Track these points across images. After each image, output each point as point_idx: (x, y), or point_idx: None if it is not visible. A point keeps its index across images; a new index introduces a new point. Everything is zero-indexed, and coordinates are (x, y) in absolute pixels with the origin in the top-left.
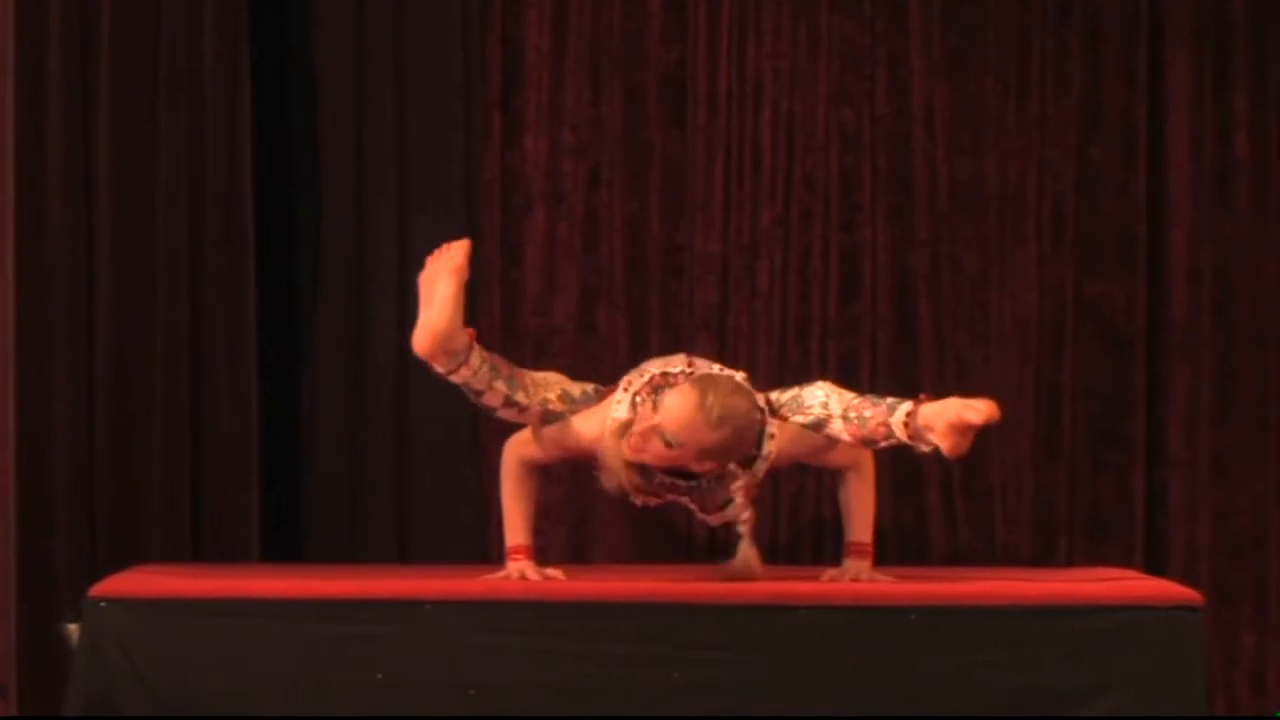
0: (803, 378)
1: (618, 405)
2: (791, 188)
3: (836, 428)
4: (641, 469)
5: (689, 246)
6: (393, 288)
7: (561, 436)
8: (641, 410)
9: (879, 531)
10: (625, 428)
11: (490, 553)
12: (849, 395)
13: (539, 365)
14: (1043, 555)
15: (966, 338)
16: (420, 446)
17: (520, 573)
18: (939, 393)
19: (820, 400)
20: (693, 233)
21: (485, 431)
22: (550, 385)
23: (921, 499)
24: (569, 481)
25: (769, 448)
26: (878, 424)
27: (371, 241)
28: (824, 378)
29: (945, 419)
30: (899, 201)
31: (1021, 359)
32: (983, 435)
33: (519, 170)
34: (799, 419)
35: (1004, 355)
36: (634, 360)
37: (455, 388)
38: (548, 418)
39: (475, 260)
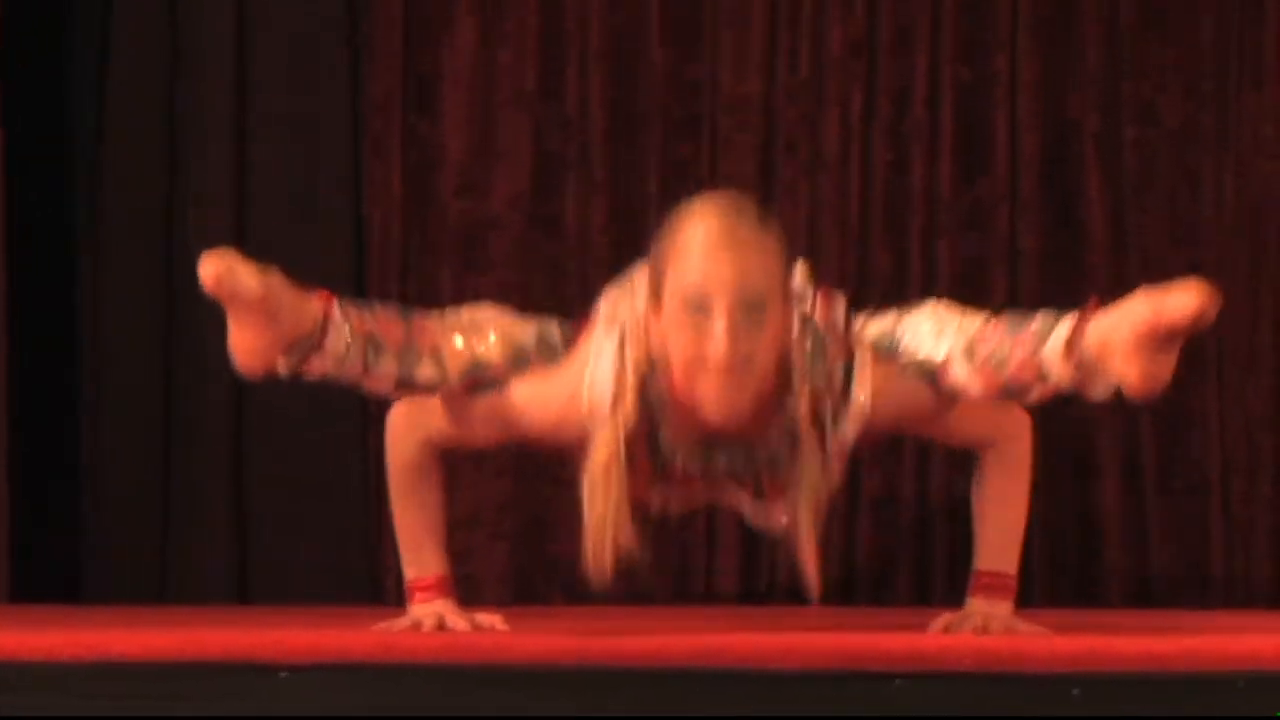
0: (896, 299)
1: (597, 356)
2: None
3: (959, 373)
4: (653, 453)
5: (710, 84)
6: (226, 168)
7: (497, 414)
8: (633, 357)
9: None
10: (619, 397)
11: (384, 589)
12: (974, 319)
13: (463, 282)
14: None
15: (1163, 235)
16: (268, 416)
17: (434, 619)
18: None
19: (930, 331)
20: (716, 62)
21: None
22: (480, 330)
23: (1088, 496)
24: (512, 470)
25: (859, 391)
26: (1023, 361)
27: (185, 92)
28: (950, 304)
29: (1129, 329)
30: (1054, 10)
31: (1254, 268)
32: (1196, 400)
33: None
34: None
35: (1225, 263)
36: (619, 274)
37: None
38: (479, 384)
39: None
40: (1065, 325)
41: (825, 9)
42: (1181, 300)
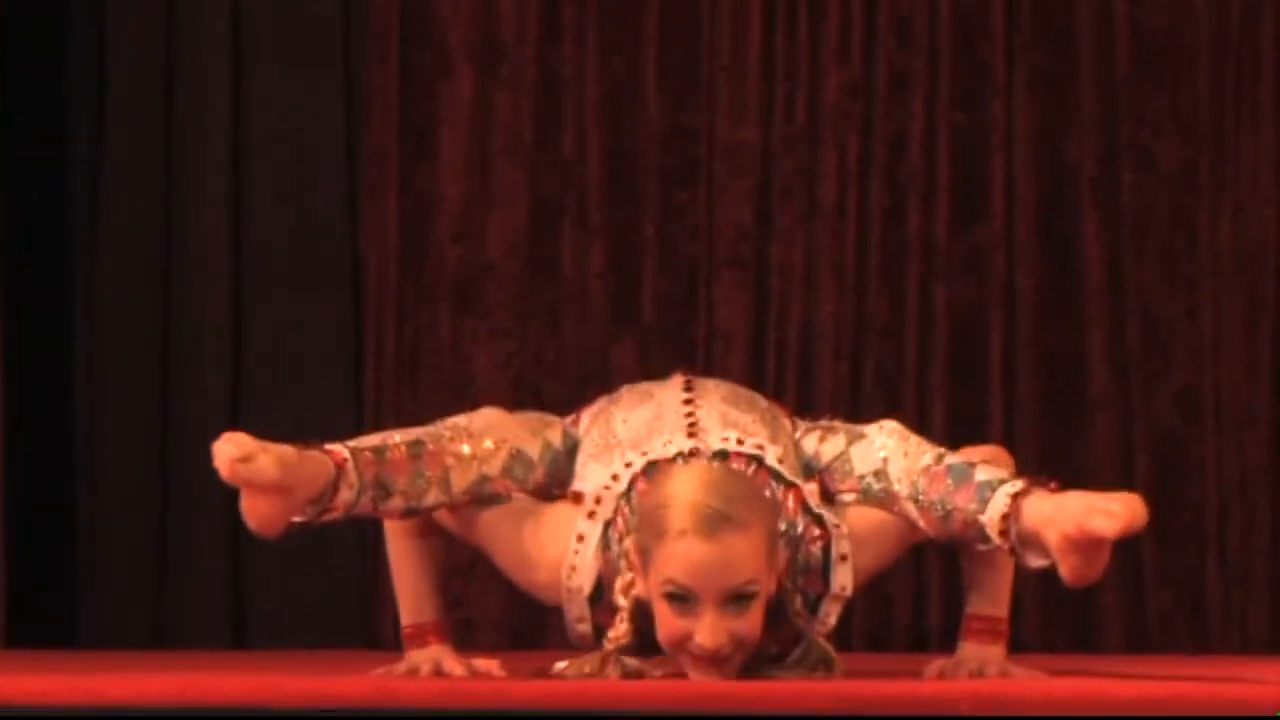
0: (893, 344)
1: (578, 547)
2: (874, 37)
3: (910, 511)
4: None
5: (706, 131)
6: (222, 215)
7: (486, 547)
8: (628, 556)
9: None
10: (595, 596)
11: (380, 634)
12: (922, 456)
13: (460, 328)
14: None
15: (1161, 279)
16: None
17: (431, 665)
18: (1118, 371)
19: (875, 468)
20: (713, 110)
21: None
22: (488, 454)
23: None
24: None
25: (841, 579)
26: (964, 521)
27: (187, 132)
28: (930, 344)
29: (1060, 528)
30: (1050, 60)
31: (1251, 313)
32: (1193, 449)
33: (429, 9)
34: (847, 497)
35: (1222, 307)
36: (616, 320)
37: (323, 377)
38: (481, 499)
39: (358, 151)
40: (1003, 498)
41: (821, 57)
42: (1112, 515)
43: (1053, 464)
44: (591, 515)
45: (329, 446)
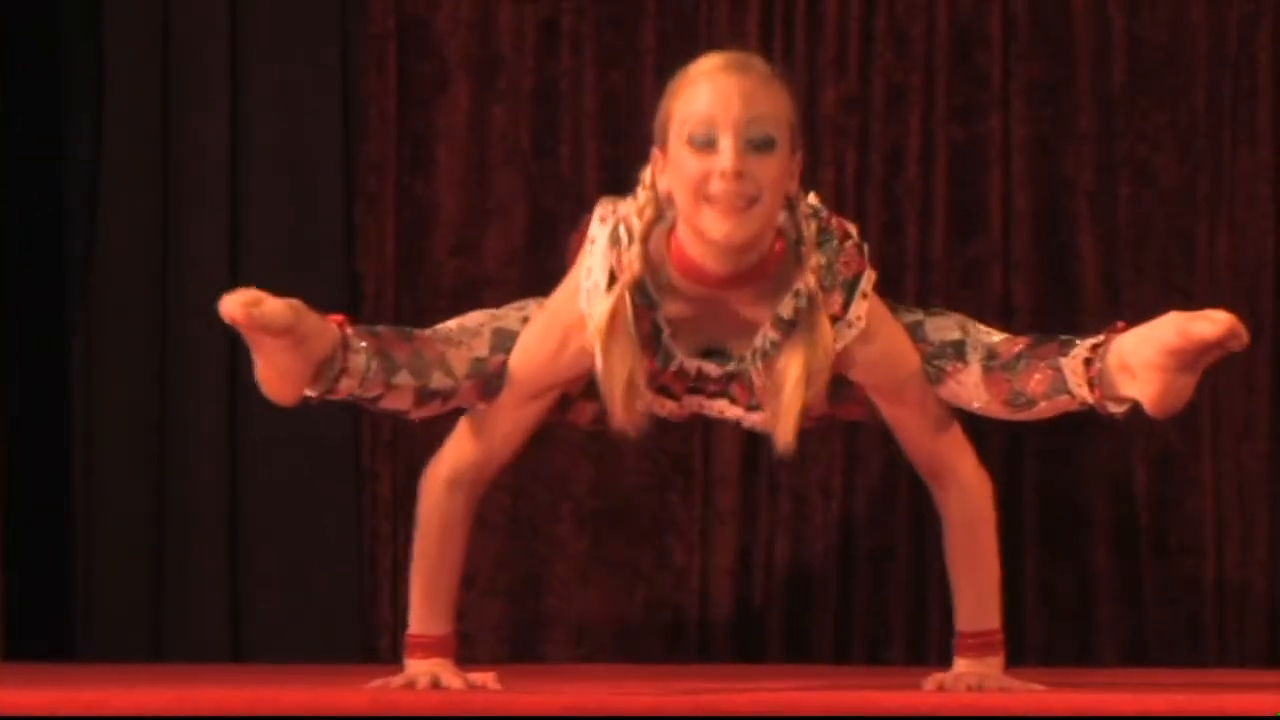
0: None
1: (590, 250)
2: (872, 48)
3: (967, 380)
4: (653, 347)
5: None
6: (220, 214)
7: (510, 388)
8: (641, 206)
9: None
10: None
11: (378, 648)
12: (999, 335)
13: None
14: None
15: (1158, 293)
16: (262, 474)
17: (430, 678)
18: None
19: (952, 337)
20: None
21: (373, 447)
22: (475, 332)
23: (1081, 554)
24: (506, 530)
25: (859, 307)
26: (1039, 369)
27: (183, 149)
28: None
29: (1156, 346)
30: (1047, 73)
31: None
32: (1190, 463)
33: (426, 20)
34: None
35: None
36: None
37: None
38: (489, 385)
39: (356, 162)
40: (1090, 341)
41: (818, 69)
42: (1210, 324)
43: (1051, 477)
44: (603, 220)
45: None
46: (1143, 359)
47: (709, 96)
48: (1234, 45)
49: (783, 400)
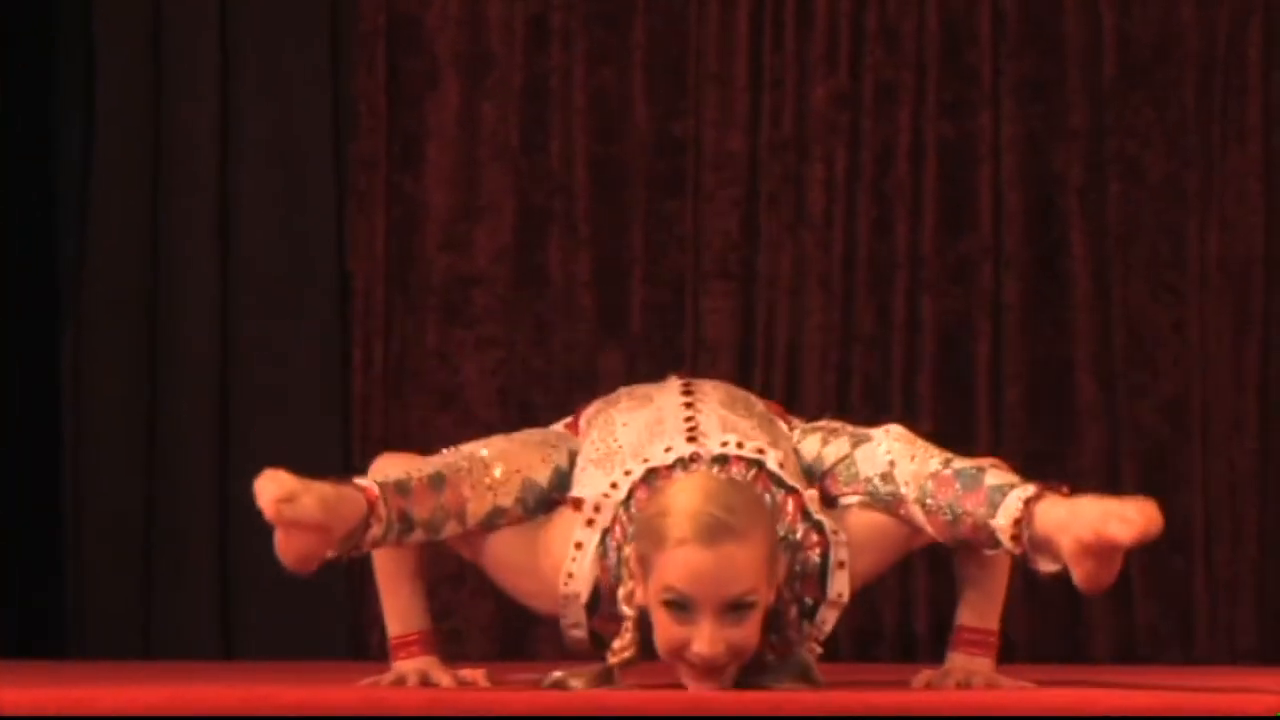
0: (880, 355)
1: (576, 554)
2: (862, 46)
3: (916, 515)
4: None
5: (694, 140)
6: (211, 211)
7: (481, 560)
8: (628, 564)
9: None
10: (591, 604)
11: (368, 645)
12: (929, 460)
13: (447, 337)
14: (1276, 649)
15: (1148, 290)
16: (252, 472)
17: (418, 675)
18: (1105, 382)
19: (881, 470)
20: (700, 120)
21: (365, 445)
22: (501, 484)
23: None
24: None
25: (839, 586)
26: (974, 525)
27: (174, 146)
28: (917, 354)
29: (1075, 534)
30: (1037, 69)
31: (1238, 324)
32: (1180, 459)
33: (416, 17)
34: (852, 499)
35: (1209, 320)
36: (604, 330)
37: (310, 386)
38: (492, 526)
39: (346, 160)
40: (1016, 503)
41: (809, 67)
42: (1127, 522)
43: (1040, 474)
44: (590, 523)
45: (359, 482)
46: (1064, 547)
47: (685, 575)
48: (1223, 43)
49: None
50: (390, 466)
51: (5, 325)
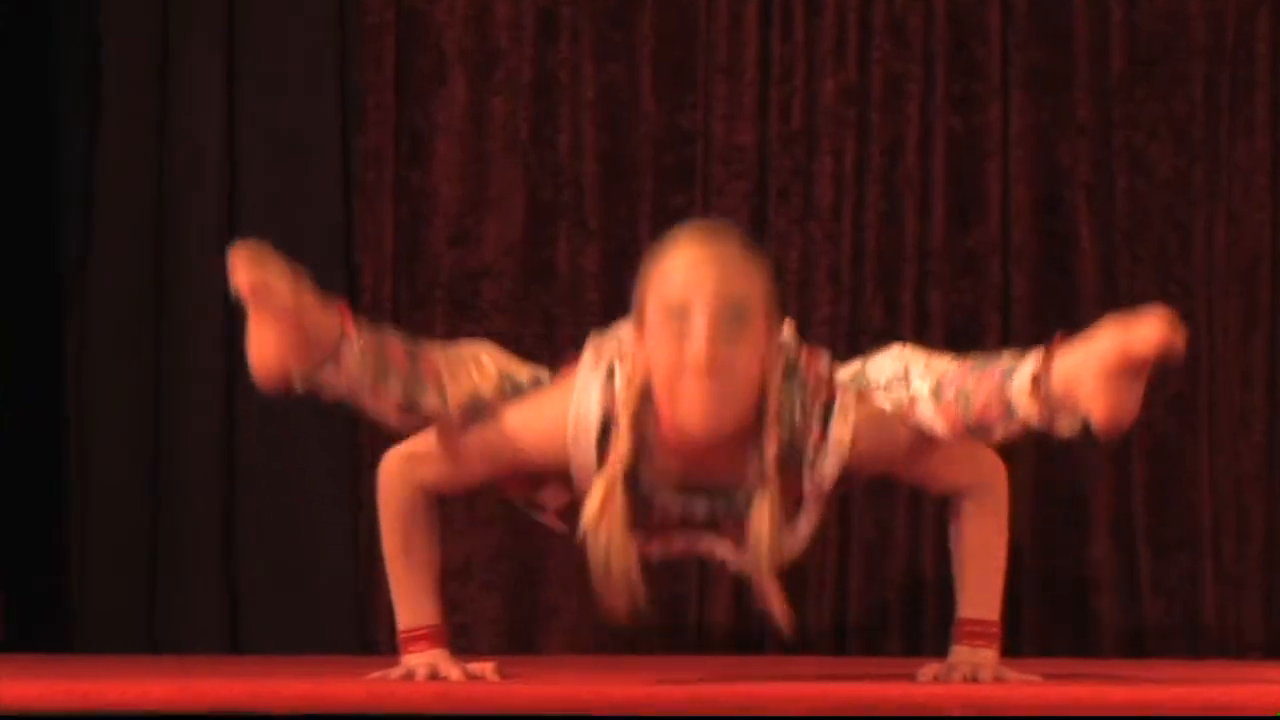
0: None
1: (583, 389)
2: (870, 40)
3: (925, 412)
4: (636, 495)
5: (703, 133)
6: (217, 205)
7: (486, 442)
8: (625, 389)
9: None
10: (605, 426)
11: (375, 640)
12: (940, 361)
13: (455, 331)
14: None
15: (1154, 285)
16: (260, 472)
17: (428, 669)
18: None
19: (896, 372)
20: (709, 112)
21: (372, 438)
22: (482, 369)
23: (1079, 550)
24: (503, 520)
25: (839, 428)
26: (989, 399)
27: (180, 139)
28: (917, 345)
29: (1096, 363)
30: (1046, 63)
31: (1246, 318)
32: (1187, 444)
33: (424, 12)
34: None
35: (1217, 313)
36: (612, 323)
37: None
38: (474, 414)
39: (353, 154)
40: (1031, 362)
41: (818, 60)
42: (1147, 332)
43: (1049, 469)
44: (595, 361)
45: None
46: (1086, 376)
47: (683, 280)
48: (1232, 36)
49: (755, 552)
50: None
51: (9, 318)
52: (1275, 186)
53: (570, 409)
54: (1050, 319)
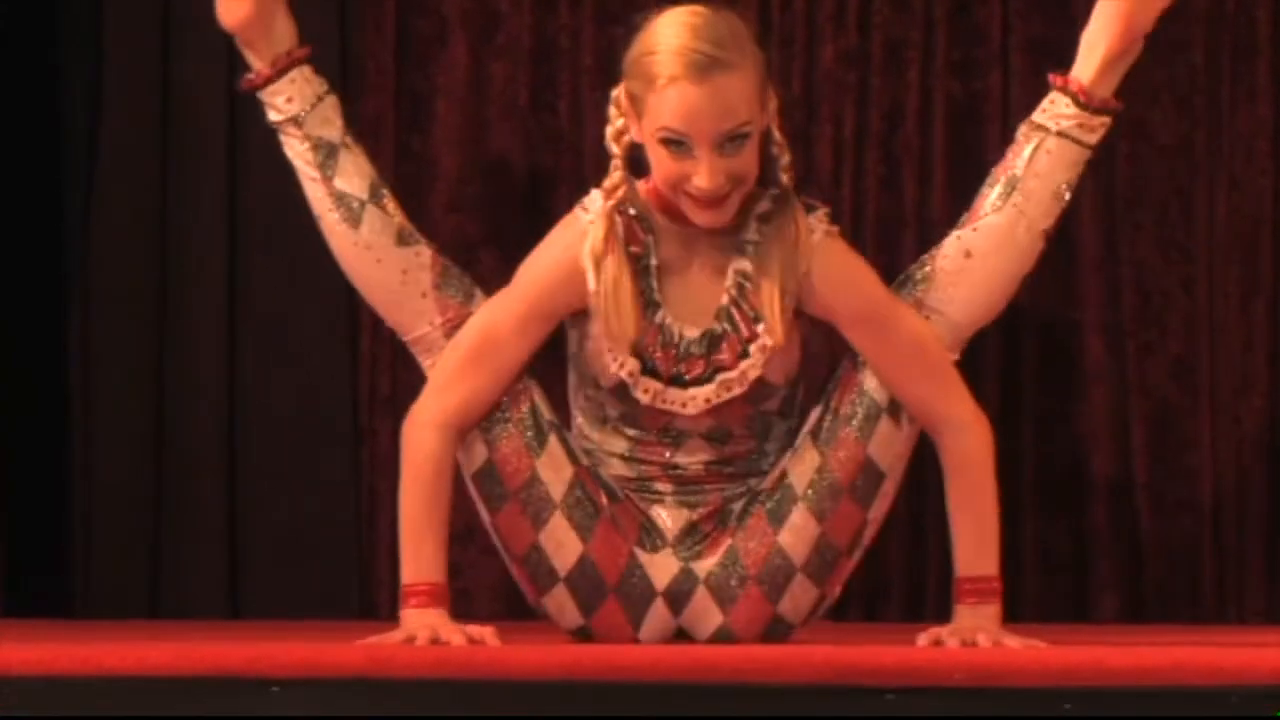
0: None
1: (588, 204)
2: (870, 4)
3: (948, 247)
4: (643, 299)
5: None
6: (217, 171)
7: (523, 303)
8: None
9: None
10: (608, 232)
11: (377, 603)
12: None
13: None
14: None
15: (1156, 251)
16: (260, 431)
17: (428, 631)
18: (1114, 342)
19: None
20: None
21: (372, 404)
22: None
23: (1079, 514)
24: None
25: (817, 220)
26: (1013, 153)
27: (180, 106)
28: None
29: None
30: (1047, 28)
31: (1247, 285)
32: (1188, 419)
33: None
34: None
35: (1217, 279)
36: None
37: (318, 346)
38: (445, 281)
39: (354, 119)
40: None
41: (817, 26)
42: None
43: (1049, 434)
44: (597, 185)
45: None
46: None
47: (680, 111)
48: (1232, 2)
49: (765, 296)
50: None
51: (11, 288)
52: (1277, 152)
53: (575, 224)
54: (1049, 286)
